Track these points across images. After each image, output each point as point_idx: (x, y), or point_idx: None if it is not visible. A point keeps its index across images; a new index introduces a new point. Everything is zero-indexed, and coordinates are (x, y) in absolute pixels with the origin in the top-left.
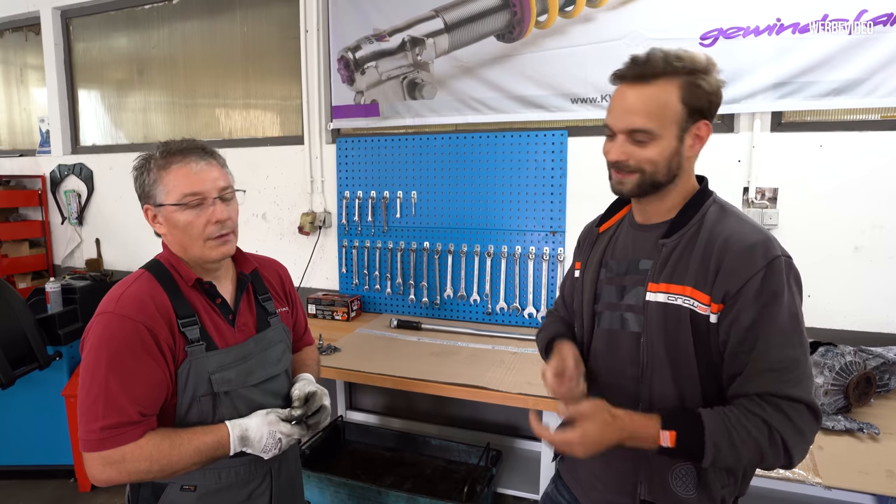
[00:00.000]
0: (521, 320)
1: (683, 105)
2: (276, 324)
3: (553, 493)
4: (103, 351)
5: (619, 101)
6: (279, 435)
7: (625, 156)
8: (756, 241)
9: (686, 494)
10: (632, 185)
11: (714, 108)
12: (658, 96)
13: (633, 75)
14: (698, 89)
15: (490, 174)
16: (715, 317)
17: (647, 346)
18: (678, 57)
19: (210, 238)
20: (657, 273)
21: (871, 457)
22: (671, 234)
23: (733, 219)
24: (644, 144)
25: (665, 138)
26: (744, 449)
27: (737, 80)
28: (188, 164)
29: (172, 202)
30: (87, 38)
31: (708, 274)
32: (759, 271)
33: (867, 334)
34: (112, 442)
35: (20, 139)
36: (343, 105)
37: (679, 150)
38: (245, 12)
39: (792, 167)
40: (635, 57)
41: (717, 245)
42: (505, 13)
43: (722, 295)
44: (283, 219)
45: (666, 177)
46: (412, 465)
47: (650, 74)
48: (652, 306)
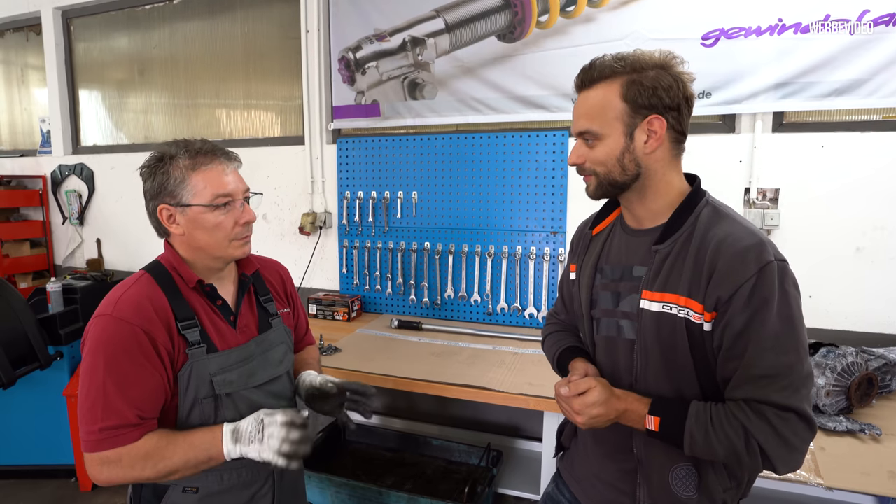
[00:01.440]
0: (521, 321)
1: (625, 102)
2: (277, 325)
3: (554, 493)
4: (100, 354)
5: (574, 109)
6: (262, 416)
7: (580, 159)
8: (749, 244)
9: (686, 496)
10: (592, 187)
11: (668, 101)
12: (600, 97)
13: (580, 82)
14: (640, 85)
15: (491, 174)
16: (709, 325)
17: (641, 353)
18: (620, 58)
19: (236, 238)
20: (651, 280)
21: (872, 458)
22: (664, 240)
23: (727, 221)
24: (593, 146)
25: (610, 136)
26: (719, 448)
27: (738, 81)
28: (218, 165)
29: (203, 203)
30: (87, 38)
31: (700, 281)
32: (751, 277)
33: (869, 335)
34: (110, 443)
35: (21, 139)
36: (344, 105)
37: (629, 147)
38: (246, 12)
39: (793, 168)
40: (584, 65)
41: (710, 250)
42: (506, 13)
43: (714, 302)
44: (284, 219)
45: (623, 175)
46: (413, 466)
47: (593, 79)
48: (646, 314)
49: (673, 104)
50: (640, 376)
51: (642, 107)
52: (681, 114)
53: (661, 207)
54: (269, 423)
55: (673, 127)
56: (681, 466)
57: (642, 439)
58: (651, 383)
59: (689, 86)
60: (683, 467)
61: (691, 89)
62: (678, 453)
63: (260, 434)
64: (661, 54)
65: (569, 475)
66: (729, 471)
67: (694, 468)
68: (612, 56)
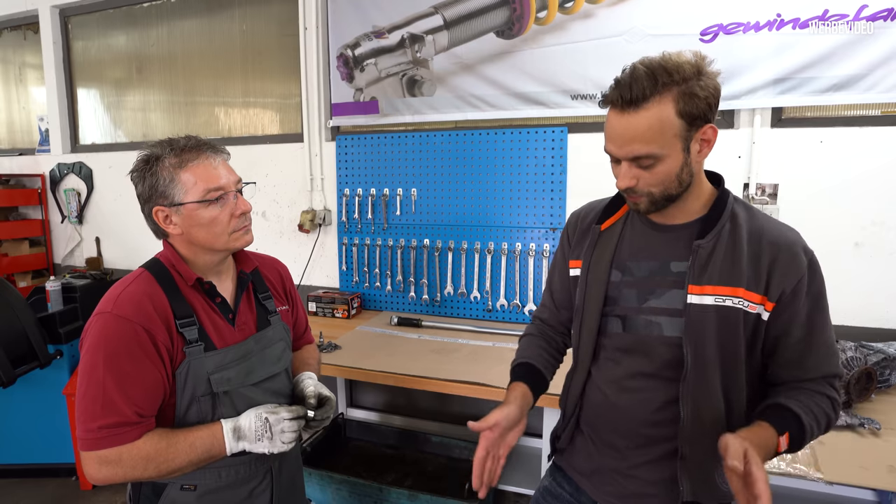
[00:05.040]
0: (521, 317)
1: (681, 118)
2: (276, 322)
3: (552, 486)
4: (100, 352)
5: (614, 129)
6: (265, 414)
7: (634, 181)
8: (794, 238)
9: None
10: (646, 204)
11: (714, 108)
12: (654, 118)
13: (619, 100)
14: (694, 98)
15: (490, 171)
16: (767, 314)
17: (692, 348)
18: (665, 70)
19: (235, 230)
20: (696, 275)
21: (871, 452)
22: (704, 235)
23: (761, 215)
24: (651, 167)
25: (671, 157)
26: (823, 426)
27: (737, 76)
28: (205, 159)
29: (195, 199)
30: (85, 36)
31: (760, 274)
32: (806, 270)
33: (868, 330)
34: (109, 441)
35: (19, 138)
36: (342, 102)
37: (687, 161)
38: (244, 10)
39: (792, 163)
40: (620, 80)
41: (765, 244)
42: (504, 10)
43: (779, 294)
44: (283, 217)
45: (678, 189)
46: (413, 463)
47: (640, 98)
48: (695, 308)
49: (715, 107)
50: (691, 371)
51: (697, 118)
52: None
53: (692, 204)
54: (276, 420)
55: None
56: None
57: (689, 435)
58: (701, 377)
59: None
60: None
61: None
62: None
63: (268, 432)
64: (695, 57)
65: (572, 469)
66: None
67: None
68: (645, 68)
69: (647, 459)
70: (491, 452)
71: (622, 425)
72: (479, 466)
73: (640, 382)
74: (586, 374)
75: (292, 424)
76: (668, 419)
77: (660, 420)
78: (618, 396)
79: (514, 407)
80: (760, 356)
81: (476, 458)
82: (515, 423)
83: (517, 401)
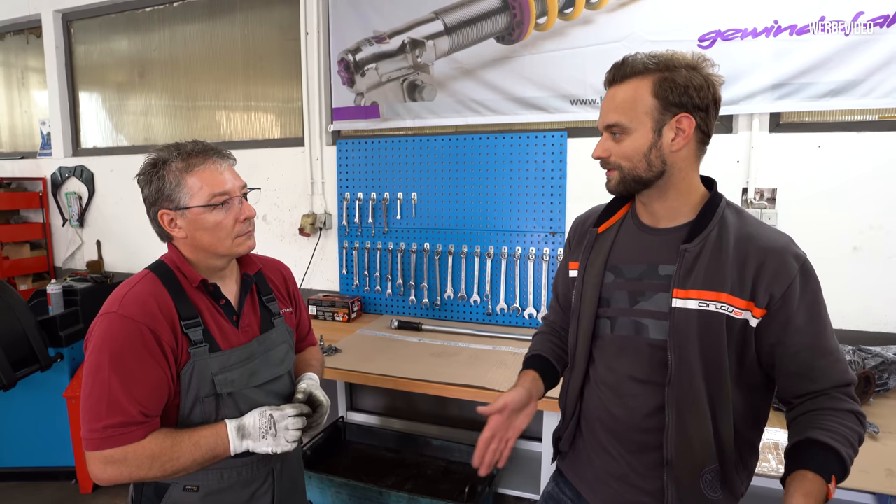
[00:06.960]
0: (521, 321)
1: (656, 98)
2: (279, 324)
3: (554, 492)
4: (106, 351)
5: (603, 103)
6: (269, 412)
7: (605, 152)
8: (784, 242)
9: (713, 496)
10: (615, 181)
11: (698, 101)
12: (630, 91)
13: (611, 77)
14: (672, 83)
15: (490, 175)
16: (756, 321)
17: (675, 352)
18: (653, 56)
19: (239, 235)
20: (682, 279)
21: (870, 455)
22: (691, 239)
23: (752, 221)
24: (620, 139)
25: (638, 131)
26: (857, 447)
27: (735, 82)
28: (211, 164)
29: (200, 203)
30: (88, 40)
31: (745, 279)
32: (797, 274)
33: (866, 334)
34: (114, 441)
35: (21, 141)
36: (343, 107)
37: (657, 143)
38: (245, 15)
39: (790, 168)
40: (616, 62)
41: (752, 249)
42: (504, 15)
43: (767, 300)
44: (284, 220)
45: (648, 171)
46: (413, 466)
47: (625, 74)
48: (680, 312)
49: (702, 105)
50: (675, 375)
51: (672, 104)
52: (709, 115)
53: (682, 206)
54: (280, 417)
55: (700, 127)
56: (709, 469)
57: (674, 441)
58: (686, 382)
59: (719, 89)
60: (711, 469)
61: (720, 92)
62: (708, 456)
63: (273, 429)
64: (693, 55)
65: (573, 474)
66: (745, 464)
67: (720, 469)
68: (644, 54)
69: (642, 466)
70: (497, 435)
71: (617, 430)
72: (483, 447)
73: (633, 387)
74: (584, 376)
75: (296, 421)
76: (658, 426)
77: (651, 427)
78: (612, 401)
79: (522, 389)
80: (758, 367)
81: (480, 439)
82: (524, 406)
83: (526, 384)
